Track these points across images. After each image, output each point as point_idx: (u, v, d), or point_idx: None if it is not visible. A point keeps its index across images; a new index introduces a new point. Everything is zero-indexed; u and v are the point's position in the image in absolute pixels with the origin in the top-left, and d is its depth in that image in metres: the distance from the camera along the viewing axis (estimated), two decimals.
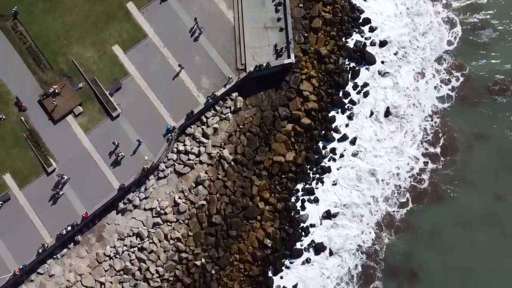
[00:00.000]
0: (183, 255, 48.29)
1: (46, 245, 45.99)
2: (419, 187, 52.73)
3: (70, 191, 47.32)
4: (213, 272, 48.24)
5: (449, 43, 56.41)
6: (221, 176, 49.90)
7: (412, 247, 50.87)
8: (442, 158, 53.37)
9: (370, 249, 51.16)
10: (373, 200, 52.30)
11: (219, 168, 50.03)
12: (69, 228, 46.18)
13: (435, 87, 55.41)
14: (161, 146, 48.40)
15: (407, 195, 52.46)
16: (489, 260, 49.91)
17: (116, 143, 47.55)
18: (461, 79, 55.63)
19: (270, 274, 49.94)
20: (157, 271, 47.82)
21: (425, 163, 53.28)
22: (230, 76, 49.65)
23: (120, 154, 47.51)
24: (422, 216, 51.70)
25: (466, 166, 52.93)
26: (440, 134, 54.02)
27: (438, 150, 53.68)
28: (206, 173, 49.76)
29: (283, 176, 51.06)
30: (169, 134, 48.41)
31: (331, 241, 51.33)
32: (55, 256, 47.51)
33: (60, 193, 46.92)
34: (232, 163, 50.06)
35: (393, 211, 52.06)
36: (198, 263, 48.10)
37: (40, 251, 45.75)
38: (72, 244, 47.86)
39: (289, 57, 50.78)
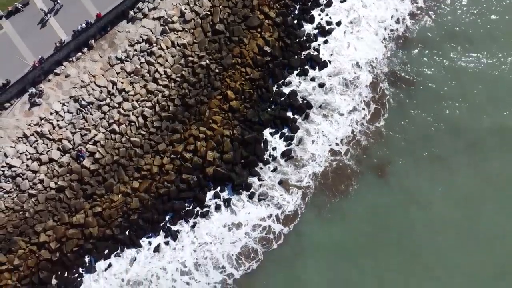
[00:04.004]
0: (189, 58, 52.08)
1: (63, 40, 49.84)
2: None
3: None
4: (217, 71, 52.06)
5: None
6: None
7: (408, 59, 55.49)
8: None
9: (367, 63, 55.02)
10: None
11: None
12: (84, 25, 49.99)
13: None
14: None
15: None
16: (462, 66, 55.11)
17: None
18: None
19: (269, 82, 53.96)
20: (165, 72, 51.61)
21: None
22: None
23: None
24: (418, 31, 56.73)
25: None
26: None
27: None
28: None
29: None
30: None
31: (326, 56, 55.18)
32: (70, 59, 51.32)
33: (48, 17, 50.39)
34: None
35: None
36: (203, 63, 51.88)
37: (57, 44, 49.59)
38: (86, 48, 51.65)
39: None
